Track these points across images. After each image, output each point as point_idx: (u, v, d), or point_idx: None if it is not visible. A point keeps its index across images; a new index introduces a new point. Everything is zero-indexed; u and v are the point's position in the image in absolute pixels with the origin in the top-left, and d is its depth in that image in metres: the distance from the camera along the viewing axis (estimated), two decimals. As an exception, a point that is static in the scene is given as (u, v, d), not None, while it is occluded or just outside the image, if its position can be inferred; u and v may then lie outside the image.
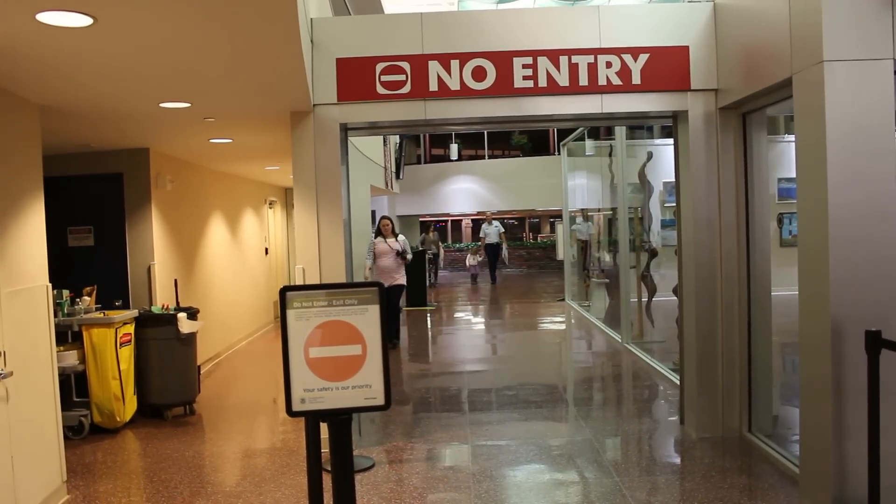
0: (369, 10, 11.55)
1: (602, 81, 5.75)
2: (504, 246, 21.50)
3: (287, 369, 2.49)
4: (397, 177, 17.78)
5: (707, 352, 5.90)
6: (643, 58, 5.74)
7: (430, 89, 5.74)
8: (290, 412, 2.53)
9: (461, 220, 34.96)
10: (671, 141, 7.36)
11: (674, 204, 10.07)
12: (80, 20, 3.31)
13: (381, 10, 12.31)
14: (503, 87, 5.75)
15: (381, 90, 5.74)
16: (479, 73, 5.73)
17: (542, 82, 5.74)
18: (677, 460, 5.67)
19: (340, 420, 2.51)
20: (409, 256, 10.27)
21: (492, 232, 20.65)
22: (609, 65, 5.74)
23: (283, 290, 2.51)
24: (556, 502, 4.80)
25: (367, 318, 2.52)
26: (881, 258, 4.21)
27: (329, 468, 2.63)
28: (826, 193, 4.18)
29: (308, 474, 2.84)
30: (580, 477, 5.24)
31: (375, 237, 10.15)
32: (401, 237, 10.19)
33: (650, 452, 5.94)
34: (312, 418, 2.54)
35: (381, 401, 2.54)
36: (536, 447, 5.86)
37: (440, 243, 23.59)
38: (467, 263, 21.88)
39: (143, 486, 5.38)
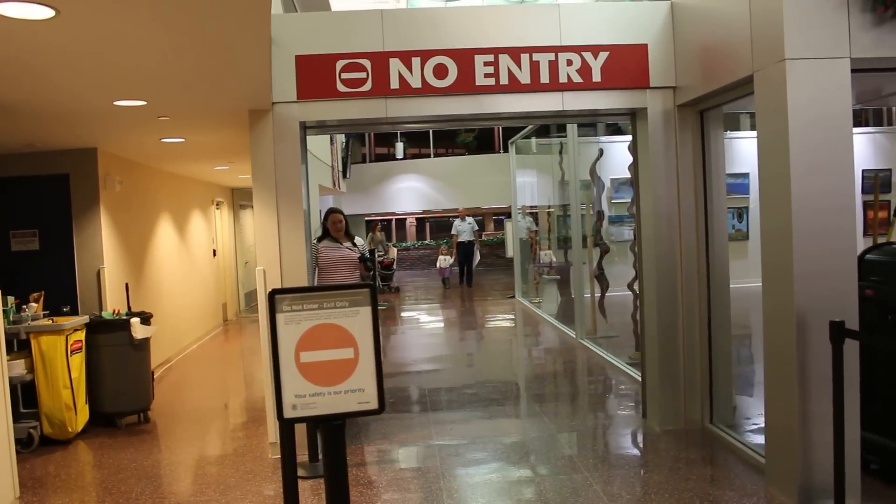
0: (316, 7, 11.41)
1: (563, 79, 5.78)
2: (476, 248, 19.77)
3: (277, 375, 2.43)
4: (344, 176, 17.63)
5: (668, 345, 5.98)
6: (603, 55, 5.79)
7: (392, 87, 5.68)
8: (282, 419, 2.46)
9: (405, 218, 34.91)
10: (619, 138, 7.47)
11: (621, 200, 10.30)
12: (42, 12, 3.18)
13: (329, 7, 12.17)
14: (465, 85, 5.73)
15: (341, 88, 5.66)
16: (440, 71, 5.70)
17: (504, 80, 5.74)
18: (644, 453, 5.73)
19: (334, 426, 2.45)
20: (371, 266, 7.27)
21: (465, 229, 18.97)
22: (570, 62, 5.77)
23: (273, 294, 2.44)
24: (528, 499, 4.80)
25: (359, 321, 2.47)
26: (842, 250, 4.33)
27: (302, 474, 2.57)
28: (789, 187, 4.27)
29: (283, 480, 2.78)
30: (549, 472, 5.26)
31: (319, 240, 6.67)
32: (358, 240, 6.80)
33: (616, 446, 5.99)
34: (289, 425, 2.48)
35: (374, 405, 2.50)
36: (500, 444, 5.86)
37: (388, 243, 22.93)
38: (438, 265, 20.02)
39: (102, 499, 5.20)
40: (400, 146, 24.31)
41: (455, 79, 5.71)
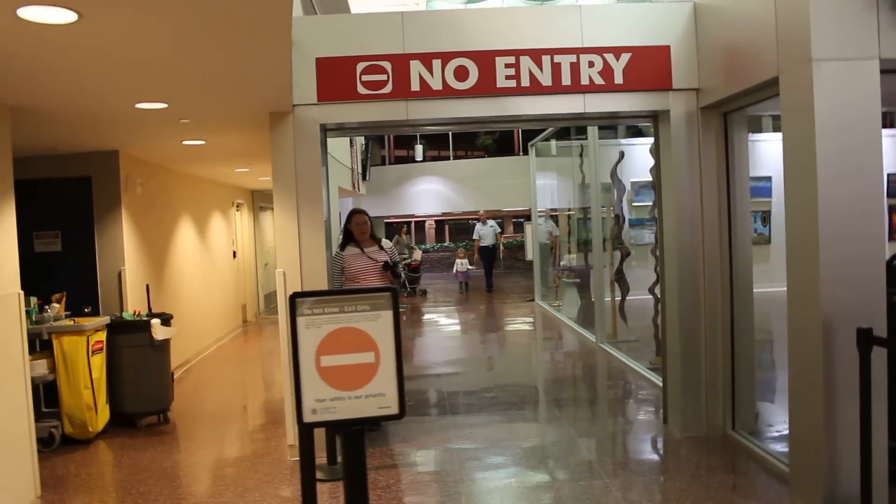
0: (336, 10, 11.43)
1: (584, 81, 5.73)
2: (500, 251, 19.10)
3: (297, 379, 2.41)
4: (364, 178, 17.65)
5: (690, 350, 5.91)
6: (625, 57, 5.73)
7: (412, 89, 5.66)
8: (302, 423, 2.44)
9: (424, 220, 34.91)
10: (640, 140, 7.40)
11: (642, 203, 10.22)
12: (65, 16, 3.18)
13: (348, 9, 12.20)
14: (486, 87, 5.69)
15: (361, 90, 5.65)
16: (461, 73, 5.67)
17: (525, 82, 5.70)
18: (665, 460, 5.67)
19: (354, 430, 2.43)
20: (402, 273, 7.10)
21: (487, 233, 18.41)
22: (591, 64, 5.72)
23: (294, 297, 2.42)
24: (548, 505, 4.76)
25: (380, 325, 2.45)
26: (869, 255, 4.25)
27: (321, 477, 2.55)
28: (816, 191, 4.20)
29: (302, 483, 2.75)
30: (568, 478, 5.21)
31: (343, 247, 6.34)
32: (386, 243, 6.44)
33: (637, 452, 5.93)
34: (309, 428, 2.45)
35: (395, 409, 2.47)
36: (521, 449, 5.82)
37: (415, 246, 22.55)
38: (455, 269, 19.31)
39: (122, 499, 5.21)
40: (419, 148, 24.30)
41: (476, 81, 5.68)
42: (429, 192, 23.44)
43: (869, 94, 4.21)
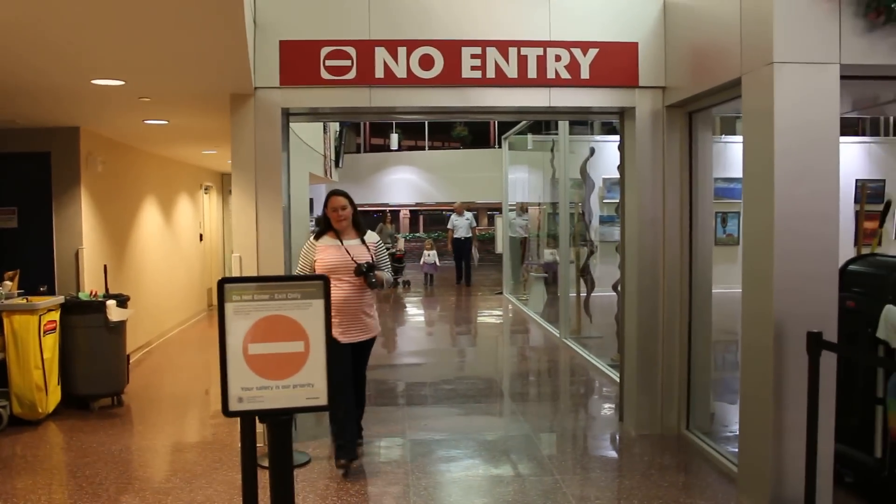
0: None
1: (551, 75, 5.69)
2: (475, 247, 18.38)
3: (224, 366, 2.35)
4: (336, 165, 17.51)
5: (647, 349, 5.91)
6: (592, 52, 5.70)
7: (376, 76, 5.59)
8: (227, 412, 2.38)
9: (398, 210, 34.80)
10: (612, 137, 7.38)
11: (613, 200, 10.22)
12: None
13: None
14: (451, 77, 5.63)
15: (325, 75, 5.57)
16: (426, 62, 5.60)
17: (491, 73, 5.65)
18: (616, 457, 5.67)
19: (280, 420, 2.37)
20: (389, 276, 5.37)
21: (462, 224, 17.74)
22: (558, 58, 5.68)
23: (222, 282, 2.36)
24: (495, 499, 4.72)
25: (311, 314, 2.39)
26: (823, 259, 4.26)
27: (264, 464, 2.51)
28: (772, 193, 4.20)
29: (242, 473, 2.69)
30: (519, 473, 5.19)
31: (319, 236, 5.22)
32: (371, 236, 5.28)
33: (589, 449, 5.93)
34: (245, 419, 2.40)
35: (323, 400, 2.42)
36: (475, 442, 5.79)
37: (399, 236, 21.76)
38: (422, 261, 18.34)
39: (66, 482, 5.12)
40: (395, 137, 24.20)
41: (441, 70, 5.61)
42: (403, 182, 23.37)
43: (828, 97, 4.21)
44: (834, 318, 4.25)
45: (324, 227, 5.22)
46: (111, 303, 6.81)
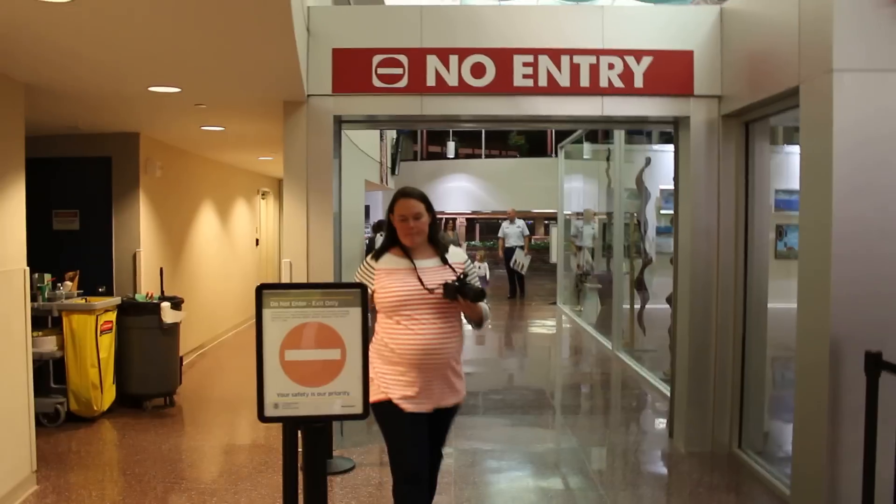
0: (370, 3, 11.40)
1: (603, 83, 5.61)
2: (524, 252, 16.70)
3: (260, 372, 2.36)
4: (393, 172, 17.60)
5: (699, 364, 5.77)
6: (646, 61, 5.61)
7: (428, 84, 5.58)
8: (262, 417, 2.39)
9: (455, 218, 34.86)
10: (669, 147, 7.27)
11: (670, 211, 10.04)
12: (58, -7, 3.16)
13: (382, 2, 12.16)
14: (502, 85, 5.60)
15: (377, 83, 5.59)
16: (478, 70, 5.58)
17: (542, 81, 5.60)
18: (664, 474, 5.55)
19: (315, 428, 2.37)
20: (487, 309, 3.62)
21: (513, 233, 16.45)
22: (611, 66, 5.60)
23: (260, 289, 2.37)
24: (540, 513, 4.67)
25: (348, 321, 2.39)
26: (884, 276, 4.09)
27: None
28: (830, 207, 4.06)
29: (283, 478, 2.70)
30: (564, 487, 5.12)
31: (379, 255, 3.60)
32: (457, 253, 3.69)
33: (637, 465, 5.81)
34: (287, 425, 2.40)
35: (359, 409, 2.41)
36: (521, 454, 5.73)
37: (462, 243, 20.26)
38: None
39: (116, 479, 5.23)
40: (451, 145, 24.23)
41: (493, 78, 5.58)
42: (459, 190, 23.39)
43: (891, 106, 4.05)
44: (894, 337, 4.08)
45: (388, 241, 3.61)
46: (165, 304, 6.95)
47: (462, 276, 3.43)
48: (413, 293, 3.40)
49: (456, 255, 3.62)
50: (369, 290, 3.25)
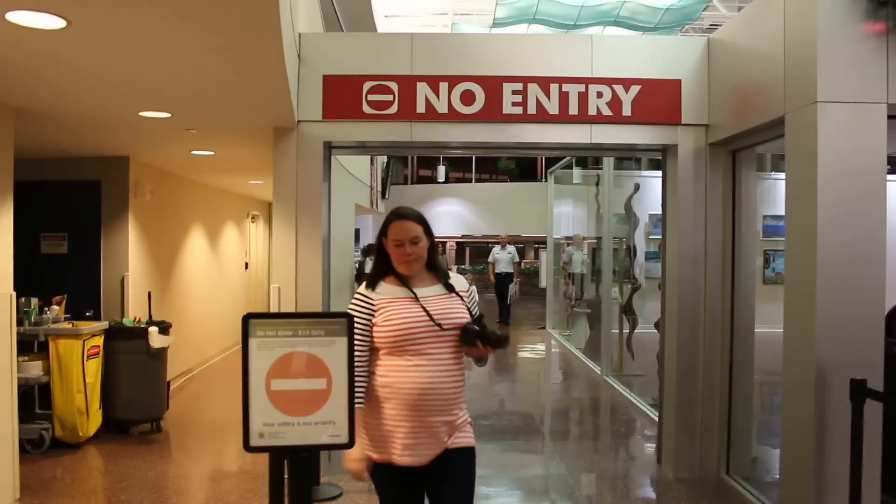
0: (362, 28, 11.51)
1: (592, 111, 5.66)
2: (515, 280, 16.85)
3: (246, 401, 2.35)
4: (383, 196, 17.64)
5: (687, 390, 5.78)
6: (634, 89, 5.66)
7: (418, 111, 5.62)
8: (248, 447, 2.38)
9: (445, 242, 34.92)
10: (658, 173, 7.36)
11: (658, 236, 10.10)
12: (53, 22, 3.19)
13: (375, 28, 12.28)
14: (491, 113, 5.64)
15: (367, 110, 5.62)
16: (467, 97, 5.63)
17: (532, 109, 5.65)
18: (653, 500, 5.54)
19: (301, 458, 2.37)
20: (502, 338, 3.02)
21: (504, 258, 16.48)
22: (600, 95, 5.66)
23: (246, 318, 2.37)
24: (528, 541, 4.65)
25: (334, 351, 2.39)
26: (868, 304, 4.13)
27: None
28: (815, 236, 4.10)
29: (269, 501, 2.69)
30: (553, 515, 5.10)
31: (373, 283, 3.09)
32: (458, 278, 3.22)
33: (626, 491, 5.79)
34: (273, 454, 2.40)
35: (345, 439, 2.40)
36: (510, 480, 5.72)
37: (452, 267, 20.70)
38: None
39: (101, 507, 5.18)
40: (442, 170, 24.33)
41: (482, 106, 5.63)
42: (449, 214, 23.45)
43: (875, 138, 4.11)
44: (880, 365, 4.11)
45: (381, 267, 3.11)
46: (153, 329, 6.92)
47: (479, 318, 3.08)
48: (420, 324, 2.94)
49: (459, 281, 3.19)
50: (364, 324, 2.94)
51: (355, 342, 2.72)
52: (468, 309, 3.08)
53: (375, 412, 2.92)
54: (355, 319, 2.84)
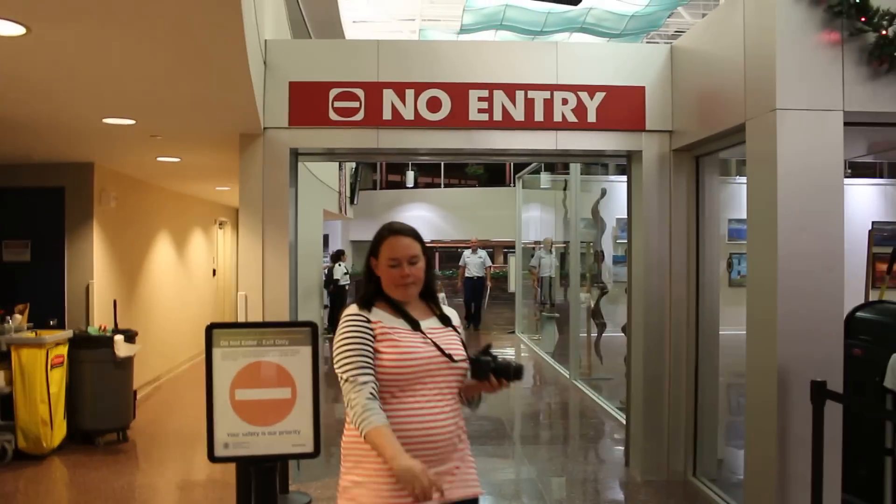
0: (331, 35, 11.49)
1: (557, 118, 5.71)
2: (488, 283, 16.87)
3: (210, 411, 2.34)
4: (352, 202, 17.62)
5: (654, 393, 5.84)
6: (599, 96, 5.72)
7: (384, 117, 5.63)
8: (213, 458, 2.37)
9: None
10: (625, 178, 7.48)
11: (626, 241, 10.20)
12: (13, 28, 3.15)
13: (343, 36, 12.26)
14: (458, 119, 5.67)
15: (333, 116, 5.62)
16: (433, 104, 5.65)
17: (498, 116, 5.68)
18: (622, 502, 5.58)
19: (266, 468, 2.36)
20: (519, 369, 2.69)
21: (475, 262, 16.39)
22: (565, 101, 5.71)
23: (210, 328, 2.37)
24: (496, 546, 4.66)
25: (299, 360, 2.39)
26: (828, 306, 4.21)
27: None
28: (776, 240, 4.17)
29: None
30: (522, 519, 5.12)
31: (367, 304, 2.63)
32: (451, 312, 2.81)
33: (595, 494, 5.84)
34: (238, 465, 2.39)
35: (310, 448, 2.40)
36: (481, 484, 5.71)
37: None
38: None
39: (65, 519, 5.11)
40: (411, 175, 24.35)
41: (448, 112, 5.65)
42: (418, 219, 23.41)
43: (832, 144, 4.20)
44: (840, 366, 4.19)
45: (371, 293, 2.66)
46: (119, 338, 6.84)
47: (487, 347, 2.69)
48: (433, 359, 2.54)
49: (453, 315, 2.81)
50: (366, 344, 2.48)
51: (352, 363, 2.43)
52: (464, 345, 2.70)
53: (373, 461, 2.46)
54: (348, 340, 2.48)
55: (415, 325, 2.57)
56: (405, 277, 2.58)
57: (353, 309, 2.57)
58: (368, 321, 2.52)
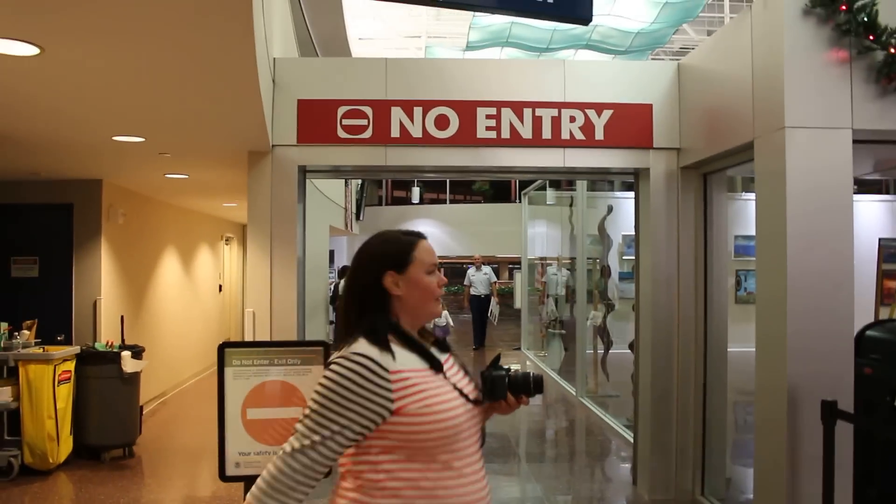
0: (337, 52, 11.54)
1: (565, 136, 5.73)
2: (495, 300, 16.28)
3: (222, 430, 2.34)
4: (357, 218, 17.64)
5: (662, 411, 5.82)
6: (607, 114, 5.74)
7: (392, 135, 5.65)
8: (223, 477, 2.37)
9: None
10: (632, 194, 7.51)
11: (632, 257, 10.18)
12: (26, 49, 3.18)
13: (349, 53, 12.31)
14: (466, 137, 5.69)
15: (342, 134, 5.64)
16: (441, 122, 5.67)
17: (505, 133, 5.70)
18: (629, 523, 5.55)
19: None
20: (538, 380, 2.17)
21: (480, 280, 16.02)
22: (573, 119, 5.72)
23: (222, 347, 2.37)
24: (504, 566, 4.63)
25: (310, 380, 2.39)
26: (838, 324, 4.18)
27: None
28: (785, 257, 4.16)
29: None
30: (530, 538, 5.09)
31: (382, 343, 1.91)
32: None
33: (602, 513, 5.82)
34: (248, 484, 2.38)
35: (321, 467, 2.39)
36: None
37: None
38: (432, 324, 15.41)
39: (71, 537, 5.10)
40: (416, 191, 24.39)
41: (456, 130, 5.67)
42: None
43: (841, 162, 4.19)
44: (850, 386, 4.17)
45: (383, 323, 2.00)
46: (126, 354, 6.85)
47: (496, 358, 2.17)
48: (463, 409, 1.99)
49: (444, 315, 2.40)
50: (359, 419, 1.89)
51: (346, 427, 1.90)
52: (466, 371, 2.18)
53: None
54: (354, 402, 1.87)
55: (437, 367, 1.99)
56: (444, 283, 2.10)
57: (367, 349, 1.90)
58: (386, 376, 1.87)
